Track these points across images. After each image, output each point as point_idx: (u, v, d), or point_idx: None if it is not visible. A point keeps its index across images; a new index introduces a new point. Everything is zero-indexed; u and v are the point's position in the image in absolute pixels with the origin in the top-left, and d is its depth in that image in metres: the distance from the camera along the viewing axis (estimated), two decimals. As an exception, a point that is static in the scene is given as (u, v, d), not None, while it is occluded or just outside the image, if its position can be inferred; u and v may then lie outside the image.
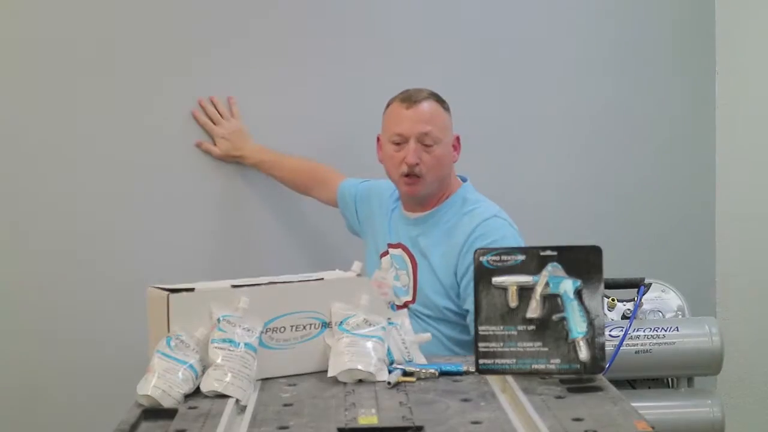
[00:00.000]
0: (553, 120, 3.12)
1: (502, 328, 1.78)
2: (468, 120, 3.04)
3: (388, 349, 1.87)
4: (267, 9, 2.97)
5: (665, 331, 2.63)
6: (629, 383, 2.73)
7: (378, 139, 2.49)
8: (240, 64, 2.95)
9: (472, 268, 1.89)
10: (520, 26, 3.11)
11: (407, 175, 2.35)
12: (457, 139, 2.46)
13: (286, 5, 2.99)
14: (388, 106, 2.44)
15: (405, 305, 2.38)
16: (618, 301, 2.71)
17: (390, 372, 1.80)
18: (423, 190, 2.39)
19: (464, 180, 2.50)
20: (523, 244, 2.28)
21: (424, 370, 1.84)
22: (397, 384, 1.77)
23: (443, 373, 1.84)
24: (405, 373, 1.81)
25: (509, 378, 1.76)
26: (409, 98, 2.38)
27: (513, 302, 1.78)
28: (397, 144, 2.37)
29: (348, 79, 3.00)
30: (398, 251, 2.45)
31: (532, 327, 1.77)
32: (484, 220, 2.34)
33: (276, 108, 2.97)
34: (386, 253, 2.47)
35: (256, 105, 2.96)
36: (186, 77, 2.93)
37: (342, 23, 3.02)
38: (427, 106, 2.37)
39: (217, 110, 2.82)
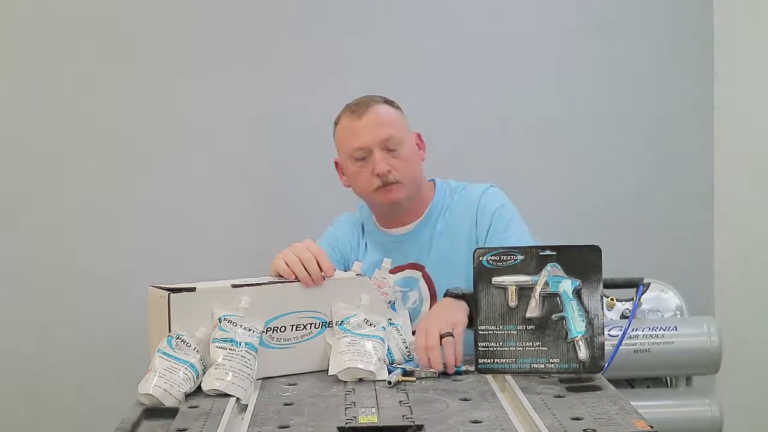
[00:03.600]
0: (552, 121, 3.13)
1: (501, 327, 1.78)
2: (466, 121, 3.05)
3: (389, 349, 1.88)
4: (266, 10, 2.98)
5: (664, 330, 2.63)
6: (628, 382, 2.73)
7: (336, 165, 2.27)
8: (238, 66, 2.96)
9: (493, 227, 2.14)
10: (519, 27, 3.12)
11: (383, 186, 2.16)
12: (419, 136, 2.28)
13: (287, 6, 3.00)
14: (336, 124, 2.23)
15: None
16: (617, 300, 2.71)
17: (390, 371, 1.81)
18: (404, 193, 2.18)
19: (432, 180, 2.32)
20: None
21: (424, 370, 1.84)
22: (398, 383, 1.77)
23: (443, 373, 1.85)
24: (405, 373, 1.82)
25: (509, 377, 1.77)
26: (357, 108, 2.18)
27: (512, 302, 1.78)
28: (361, 159, 2.16)
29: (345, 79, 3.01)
30: (399, 275, 2.22)
31: (531, 326, 1.78)
32: (483, 192, 2.23)
33: (274, 109, 2.98)
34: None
35: (254, 105, 2.97)
36: (190, 78, 2.94)
37: (340, 23, 3.04)
38: (378, 110, 2.18)
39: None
